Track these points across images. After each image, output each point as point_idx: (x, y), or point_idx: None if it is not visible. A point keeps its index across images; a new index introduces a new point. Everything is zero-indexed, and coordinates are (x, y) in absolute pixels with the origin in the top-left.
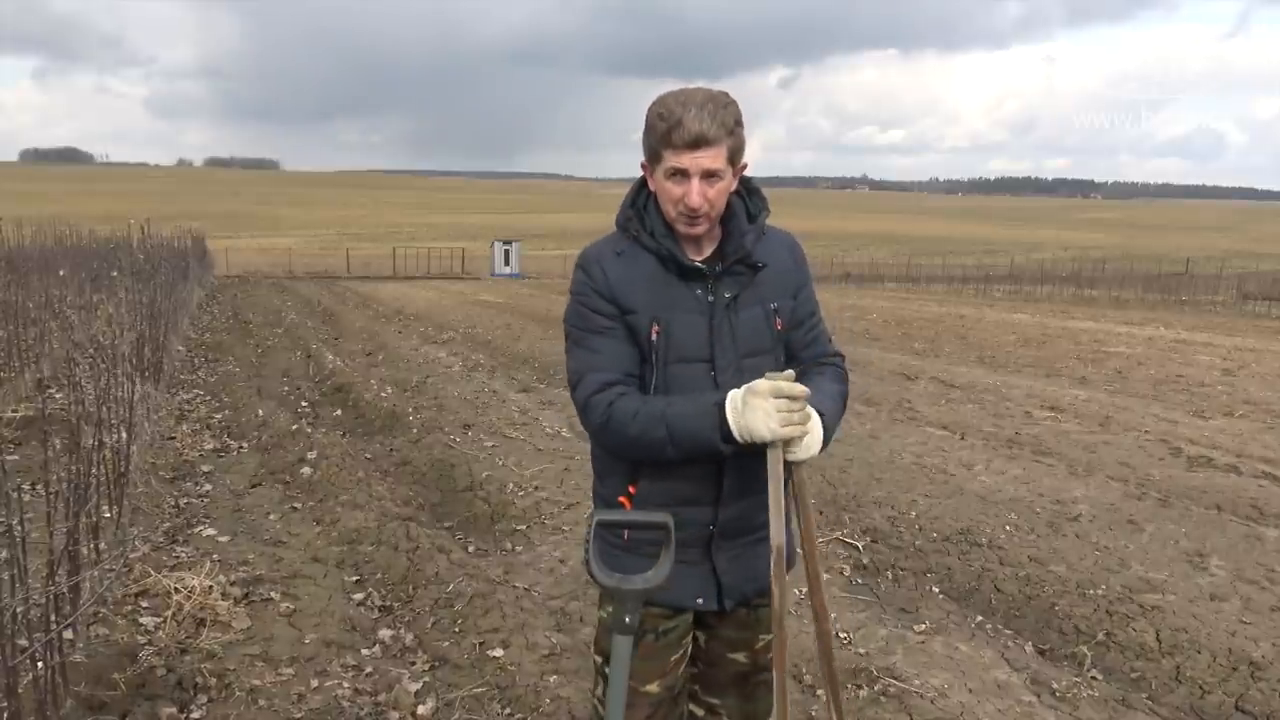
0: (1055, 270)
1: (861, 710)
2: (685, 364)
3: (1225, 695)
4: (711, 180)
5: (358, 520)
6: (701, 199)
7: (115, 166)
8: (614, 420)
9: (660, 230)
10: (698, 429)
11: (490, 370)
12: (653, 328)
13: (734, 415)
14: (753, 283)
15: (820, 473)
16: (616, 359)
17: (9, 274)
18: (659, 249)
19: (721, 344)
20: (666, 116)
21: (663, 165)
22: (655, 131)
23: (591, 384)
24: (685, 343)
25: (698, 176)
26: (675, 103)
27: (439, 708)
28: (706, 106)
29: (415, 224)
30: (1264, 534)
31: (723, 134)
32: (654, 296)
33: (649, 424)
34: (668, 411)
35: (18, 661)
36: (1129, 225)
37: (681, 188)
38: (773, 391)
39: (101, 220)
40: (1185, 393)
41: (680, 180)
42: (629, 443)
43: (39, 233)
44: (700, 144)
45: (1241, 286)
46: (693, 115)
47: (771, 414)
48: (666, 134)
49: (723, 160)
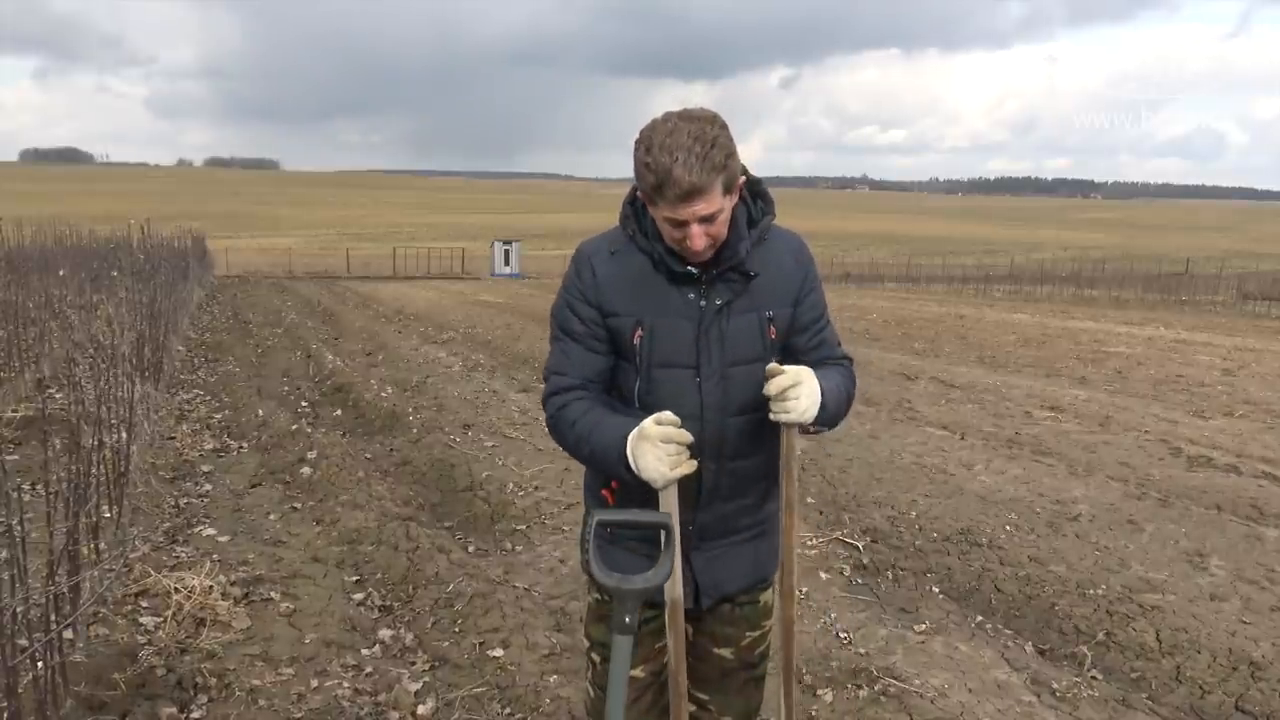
0: (1055, 270)
1: (861, 710)
2: (669, 369)
3: (1225, 695)
4: (709, 221)
5: (358, 520)
6: (703, 240)
7: (115, 166)
8: (557, 424)
9: (654, 233)
10: (609, 459)
11: (490, 370)
12: (636, 331)
13: (630, 454)
14: (747, 290)
15: (820, 473)
16: (581, 364)
17: (9, 274)
18: (652, 251)
19: (707, 351)
20: (654, 168)
21: (658, 210)
22: (644, 181)
23: (552, 385)
24: (670, 347)
25: (695, 222)
26: (661, 151)
27: (439, 708)
28: (694, 150)
29: (415, 224)
30: (1264, 534)
31: (715, 176)
32: (641, 299)
33: (579, 439)
34: (593, 434)
35: (18, 661)
36: (1129, 225)
37: (680, 232)
38: (661, 437)
39: (101, 220)
40: (1185, 393)
41: (678, 227)
42: (567, 447)
43: (39, 233)
44: (693, 196)
45: (1241, 286)
46: (680, 166)
47: (662, 458)
48: (658, 188)
49: (718, 200)
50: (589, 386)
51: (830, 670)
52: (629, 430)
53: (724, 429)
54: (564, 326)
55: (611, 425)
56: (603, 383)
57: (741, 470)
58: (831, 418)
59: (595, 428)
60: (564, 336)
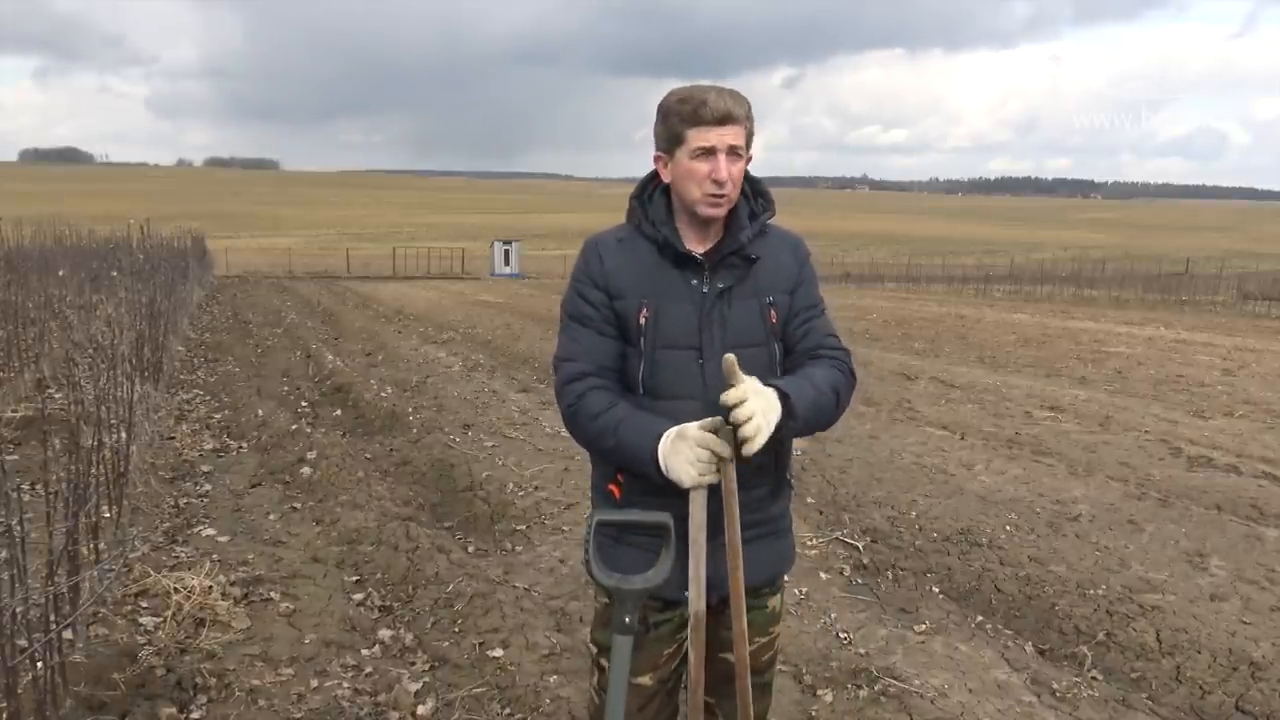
0: (1055, 270)
1: (861, 710)
2: (673, 350)
3: (1225, 695)
4: (735, 159)
5: (358, 520)
6: (726, 174)
7: (115, 166)
8: (579, 414)
9: (660, 218)
10: (639, 454)
11: (490, 370)
12: (641, 312)
13: (663, 451)
14: (748, 275)
15: (820, 473)
16: (595, 351)
17: (9, 274)
18: (656, 235)
19: (710, 333)
20: (689, 100)
21: (687, 146)
22: (678, 114)
23: (565, 373)
24: (673, 329)
25: (724, 153)
26: (694, 89)
27: (439, 708)
28: (724, 92)
29: (415, 224)
30: (1264, 534)
31: (743, 115)
32: (646, 282)
33: (603, 430)
34: (621, 427)
35: (17, 661)
36: (1129, 225)
37: (709, 164)
38: (699, 441)
39: (101, 220)
40: (1185, 393)
41: (707, 158)
42: (586, 439)
43: (39, 233)
44: (727, 120)
45: (1241, 286)
46: (715, 95)
47: (693, 461)
48: (693, 113)
49: (743, 140)
50: (604, 374)
51: (830, 670)
52: (664, 429)
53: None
54: (573, 312)
55: (644, 421)
56: (615, 371)
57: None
58: (807, 426)
59: (624, 422)
60: (573, 323)
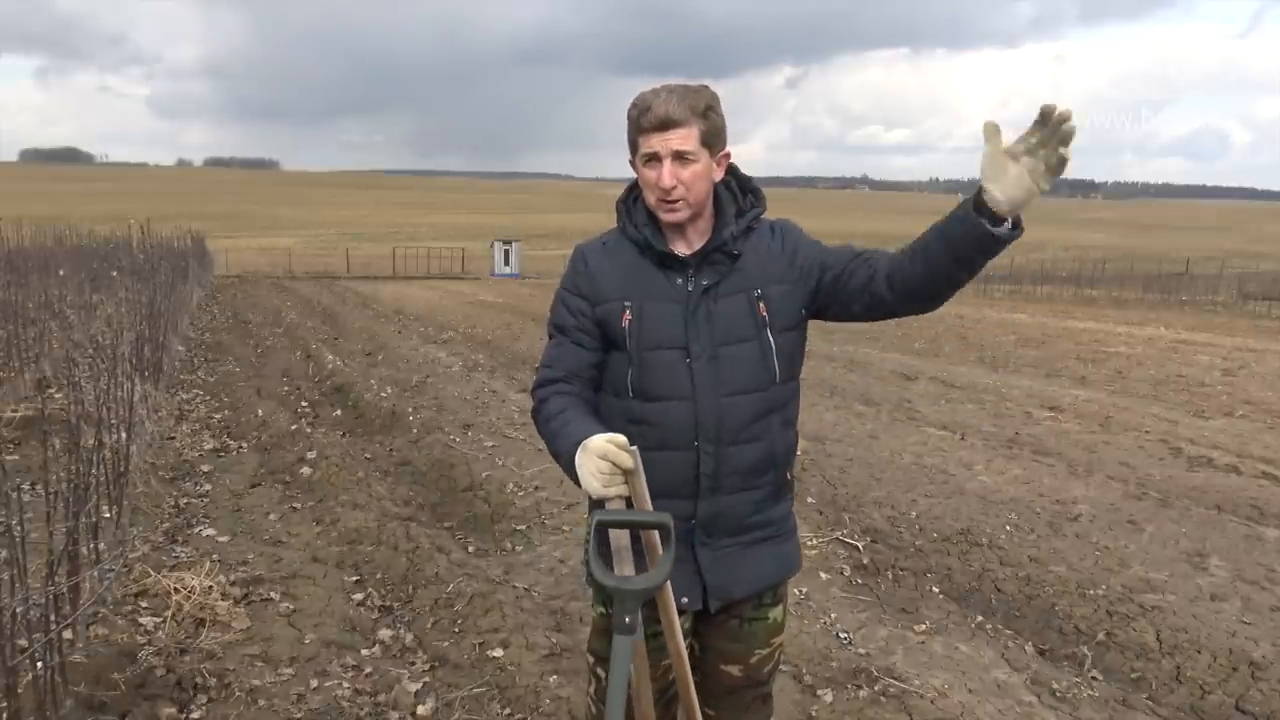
0: (1055, 270)
1: (861, 710)
2: (660, 351)
3: (1225, 695)
4: (684, 163)
5: (358, 520)
6: (673, 179)
7: (115, 166)
8: (537, 419)
9: (642, 220)
10: (565, 462)
11: (490, 370)
12: (624, 314)
13: (577, 460)
14: (733, 271)
15: (820, 473)
16: (568, 359)
17: (9, 274)
18: (638, 237)
19: (696, 331)
20: (636, 105)
21: (639, 154)
22: (631, 120)
23: (538, 378)
24: (659, 329)
25: (668, 158)
26: (647, 93)
27: (439, 708)
28: (675, 92)
29: (415, 224)
30: (1264, 534)
31: (691, 116)
32: (629, 284)
33: (548, 436)
34: (558, 436)
35: (17, 661)
36: (1129, 225)
37: (655, 171)
38: (599, 453)
39: (101, 220)
40: (1185, 393)
41: (654, 165)
42: (543, 440)
43: (39, 233)
44: (668, 125)
45: (1241, 286)
46: (660, 100)
47: (595, 474)
48: (638, 120)
49: (694, 142)
50: (572, 380)
51: (830, 670)
52: (585, 437)
53: (719, 410)
54: (555, 322)
55: (574, 430)
56: (588, 379)
57: (740, 457)
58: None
59: (563, 428)
60: (555, 332)
